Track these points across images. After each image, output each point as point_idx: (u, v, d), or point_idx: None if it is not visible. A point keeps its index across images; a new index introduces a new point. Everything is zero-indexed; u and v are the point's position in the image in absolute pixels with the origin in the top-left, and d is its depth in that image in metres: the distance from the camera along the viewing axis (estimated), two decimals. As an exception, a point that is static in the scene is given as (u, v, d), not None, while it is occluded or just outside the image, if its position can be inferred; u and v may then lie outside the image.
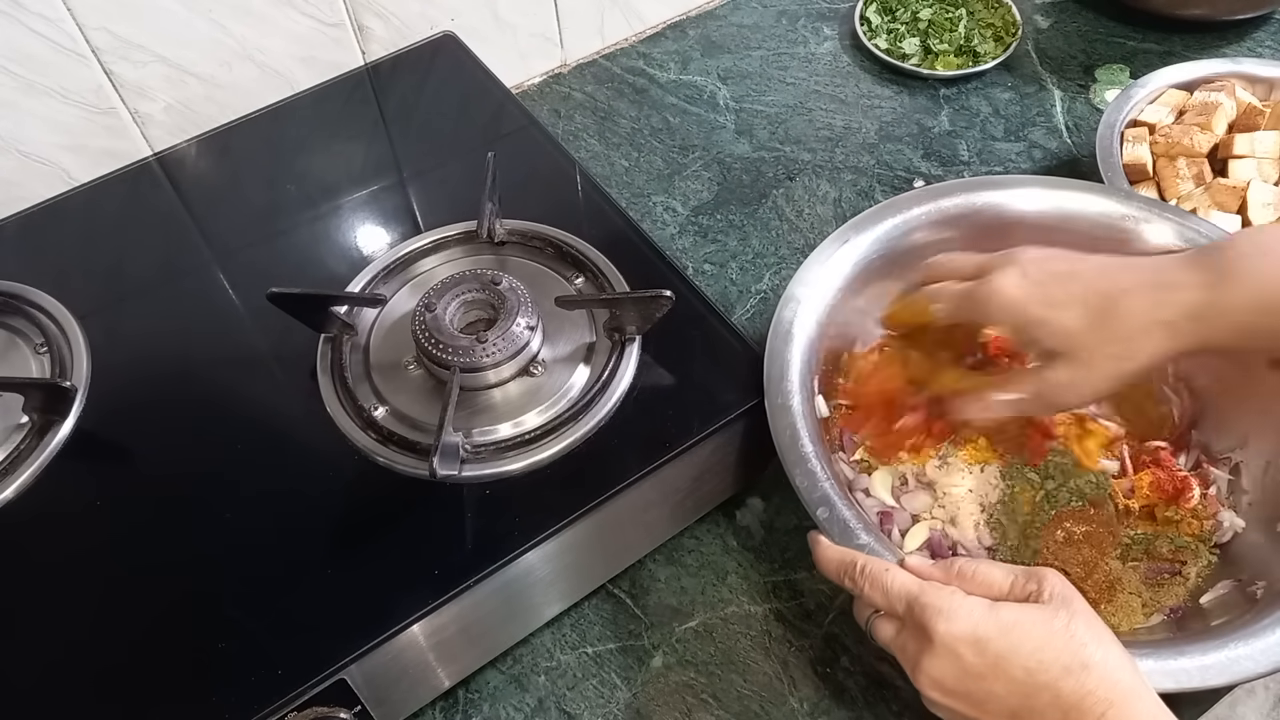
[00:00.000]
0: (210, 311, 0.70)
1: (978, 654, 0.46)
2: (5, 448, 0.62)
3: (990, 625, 0.47)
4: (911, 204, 0.71)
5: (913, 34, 1.02)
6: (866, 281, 0.69)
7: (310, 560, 0.57)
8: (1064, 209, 0.70)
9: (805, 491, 0.58)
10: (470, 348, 0.60)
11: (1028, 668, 0.45)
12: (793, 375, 0.62)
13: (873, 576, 0.52)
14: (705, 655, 0.65)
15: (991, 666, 0.46)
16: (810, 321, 0.65)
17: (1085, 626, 0.46)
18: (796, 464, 0.59)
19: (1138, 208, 0.69)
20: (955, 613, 0.47)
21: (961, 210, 0.71)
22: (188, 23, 0.81)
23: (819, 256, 0.68)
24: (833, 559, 0.54)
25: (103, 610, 0.56)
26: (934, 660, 0.47)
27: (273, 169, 0.80)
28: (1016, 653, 0.46)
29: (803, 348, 0.64)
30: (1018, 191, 0.71)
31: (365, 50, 0.91)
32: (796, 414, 0.60)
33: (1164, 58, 0.99)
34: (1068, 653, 0.45)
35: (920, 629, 0.48)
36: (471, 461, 0.59)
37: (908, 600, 0.49)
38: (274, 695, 0.51)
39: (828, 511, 0.57)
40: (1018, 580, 0.49)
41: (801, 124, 0.97)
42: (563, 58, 1.04)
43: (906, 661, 0.49)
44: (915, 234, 0.70)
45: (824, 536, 0.56)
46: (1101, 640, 0.46)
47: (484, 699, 0.64)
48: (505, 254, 0.71)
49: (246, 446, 0.62)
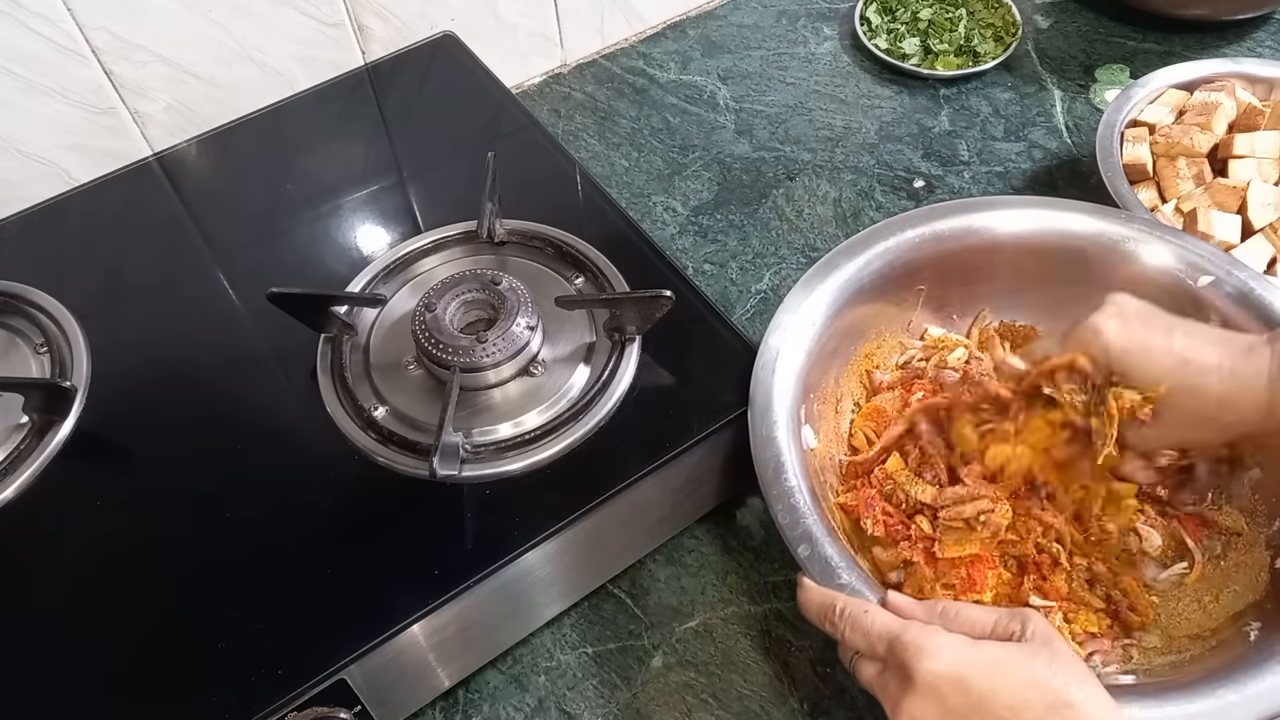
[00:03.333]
0: (210, 311, 0.70)
1: (960, 693, 0.45)
2: (5, 448, 0.62)
3: (973, 664, 0.46)
4: (905, 226, 0.70)
5: (913, 34, 1.02)
6: (856, 305, 0.68)
7: (310, 560, 0.57)
8: (1057, 229, 0.70)
9: (787, 529, 0.56)
10: (470, 348, 0.60)
11: (1012, 706, 0.45)
12: (778, 406, 0.61)
13: (853, 619, 0.51)
14: (705, 655, 0.65)
15: (975, 705, 0.45)
16: (797, 350, 0.64)
17: (1067, 665, 0.46)
18: (779, 499, 0.57)
19: (1123, 225, 0.69)
20: (938, 651, 0.46)
21: (955, 232, 0.70)
22: (188, 23, 0.81)
23: (807, 282, 0.67)
24: (814, 602, 0.53)
25: (103, 610, 0.56)
26: (915, 700, 0.46)
27: (273, 169, 0.80)
28: (1000, 691, 0.45)
29: (789, 377, 0.63)
30: (1011, 213, 0.70)
31: (365, 50, 0.91)
32: (781, 446, 0.59)
33: (1164, 58, 0.99)
34: (1051, 691, 0.45)
35: (901, 668, 0.47)
36: (471, 461, 0.59)
37: (888, 640, 0.48)
38: (274, 695, 0.51)
39: (809, 549, 0.55)
40: (1000, 620, 0.49)
41: (801, 124, 0.97)
42: (563, 58, 1.04)
43: (888, 702, 0.48)
44: (907, 256, 0.69)
45: (807, 578, 0.54)
46: (1084, 679, 0.46)
47: (484, 699, 0.64)
48: (505, 254, 0.71)
49: (246, 446, 0.62)
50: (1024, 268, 0.71)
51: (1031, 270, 0.71)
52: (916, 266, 0.70)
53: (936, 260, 0.70)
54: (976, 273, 0.72)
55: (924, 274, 0.71)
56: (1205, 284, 0.66)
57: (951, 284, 0.72)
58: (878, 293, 0.69)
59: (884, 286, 0.69)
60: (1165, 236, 0.68)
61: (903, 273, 0.70)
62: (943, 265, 0.70)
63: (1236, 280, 0.65)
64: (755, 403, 0.61)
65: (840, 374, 0.70)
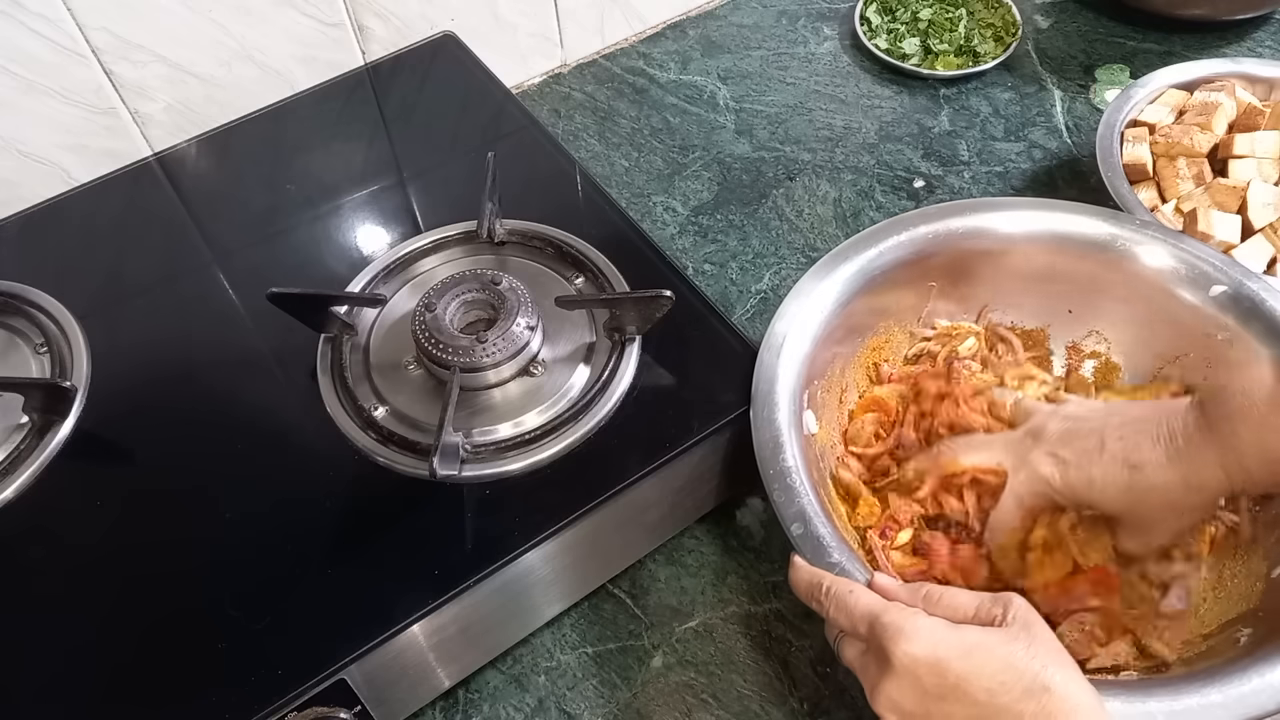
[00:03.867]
0: (210, 311, 0.70)
1: (937, 675, 0.46)
2: (5, 448, 0.62)
3: (951, 646, 0.46)
4: (918, 223, 0.70)
5: (913, 34, 1.02)
6: (865, 297, 0.68)
7: (310, 560, 0.57)
8: (1055, 230, 0.70)
9: (781, 506, 0.57)
10: (470, 348, 0.60)
11: (989, 689, 0.45)
12: (781, 389, 0.61)
13: (837, 597, 0.51)
14: (705, 655, 0.65)
15: (952, 689, 0.45)
16: (803, 336, 0.64)
17: (1045, 650, 0.46)
18: (776, 478, 0.58)
19: (1127, 228, 0.69)
20: (916, 634, 0.47)
21: (966, 230, 0.70)
22: (188, 23, 0.81)
23: (817, 271, 0.67)
24: (803, 580, 0.54)
25: (103, 610, 0.56)
26: (893, 682, 0.46)
27: (273, 169, 0.80)
28: (977, 675, 0.45)
29: (794, 362, 0.63)
30: (1014, 214, 0.70)
31: (365, 50, 0.91)
32: (781, 427, 0.60)
33: (1164, 58, 0.99)
34: (1029, 674, 0.45)
35: (881, 650, 0.47)
36: (471, 461, 0.59)
37: (870, 621, 0.49)
38: (274, 695, 0.51)
39: (802, 528, 0.56)
40: (983, 604, 0.49)
41: (801, 124, 0.97)
42: (563, 58, 1.04)
43: (867, 682, 0.49)
44: (919, 251, 0.69)
45: (799, 557, 0.55)
46: (1061, 663, 0.46)
47: (484, 699, 0.64)
48: (505, 254, 0.71)
49: (246, 446, 0.62)
50: (1031, 267, 0.71)
51: (1036, 269, 0.71)
52: (928, 262, 0.70)
53: (947, 257, 0.70)
54: (982, 271, 0.72)
55: (935, 270, 0.70)
56: (1216, 293, 0.65)
57: (959, 282, 0.72)
58: (888, 285, 0.69)
59: (895, 279, 0.69)
60: (1165, 239, 0.68)
61: (914, 267, 0.70)
62: (952, 262, 0.70)
63: (1236, 283, 0.65)
64: (759, 385, 0.62)
65: (846, 364, 0.70)
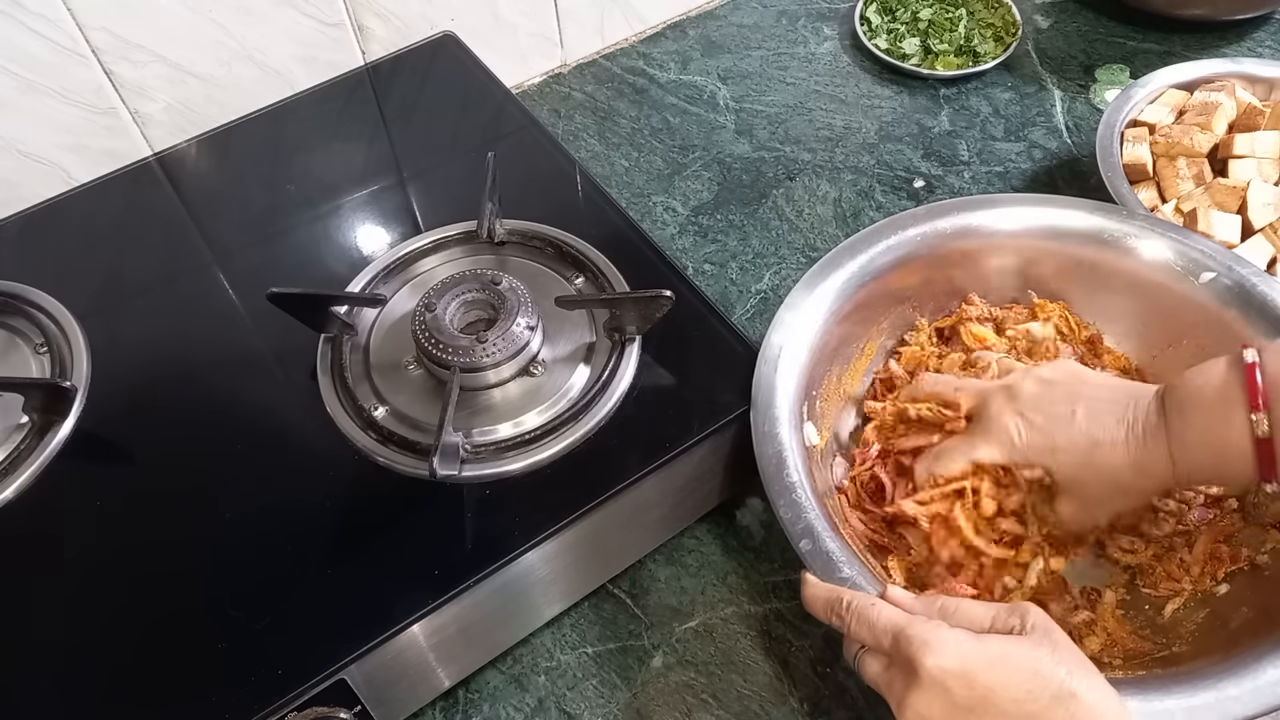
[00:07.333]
0: (210, 311, 0.70)
1: (966, 687, 0.46)
2: (5, 448, 0.62)
3: (978, 657, 0.46)
4: (907, 224, 0.70)
5: (913, 34, 1.02)
6: (860, 302, 0.68)
7: (310, 560, 0.57)
8: (1052, 226, 0.70)
9: (789, 524, 0.56)
10: (470, 348, 0.60)
11: (1016, 699, 0.45)
12: (780, 402, 0.61)
13: (859, 612, 0.51)
14: (705, 655, 0.65)
15: (980, 700, 0.45)
16: (800, 347, 0.64)
17: (1069, 656, 0.46)
18: (781, 494, 0.57)
19: (1122, 222, 0.69)
20: (943, 646, 0.47)
21: (957, 229, 0.70)
22: (188, 23, 0.81)
23: (810, 280, 0.67)
24: (819, 597, 0.53)
25: (103, 610, 0.56)
26: (921, 695, 0.46)
27: (273, 169, 0.80)
28: (1006, 684, 0.45)
29: (792, 374, 0.63)
30: (1007, 210, 0.70)
31: (365, 50, 0.91)
32: (783, 442, 0.59)
33: (1164, 58, 0.99)
34: (1055, 681, 0.45)
35: (907, 663, 0.47)
36: (471, 461, 0.59)
37: (894, 634, 0.48)
38: (274, 695, 0.51)
39: (811, 544, 0.55)
40: (999, 615, 0.49)
41: (801, 124, 0.97)
42: (563, 58, 1.04)
43: (893, 698, 0.48)
44: (908, 255, 0.69)
45: (810, 574, 0.54)
46: (1086, 670, 0.46)
47: (484, 699, 0.64)
48: (505, 254, 0.71)
49: (246, 446, 0.62)
50: (1027, 264, 0.71)
51: (1035, 268, 0.71)
52: (920, 264, 0.70)
53: (939, 258, 0.70)
54: (977, 271, 0.72)
55: (927, 272, 0.70)
56: (1206, 279, 0.66)
57: (954, 282, 0.72)
58: (881, 290, 0.69)
59: (887, 284, 0.69)
60: (1166, 233, 0.68)
61: (906, 270, 0.70)
62: (945, 263, 0.70)
63: (1237, 276, 0.65)
64: (758, 399, 0.61)
65: (843, 371, 0.70)
